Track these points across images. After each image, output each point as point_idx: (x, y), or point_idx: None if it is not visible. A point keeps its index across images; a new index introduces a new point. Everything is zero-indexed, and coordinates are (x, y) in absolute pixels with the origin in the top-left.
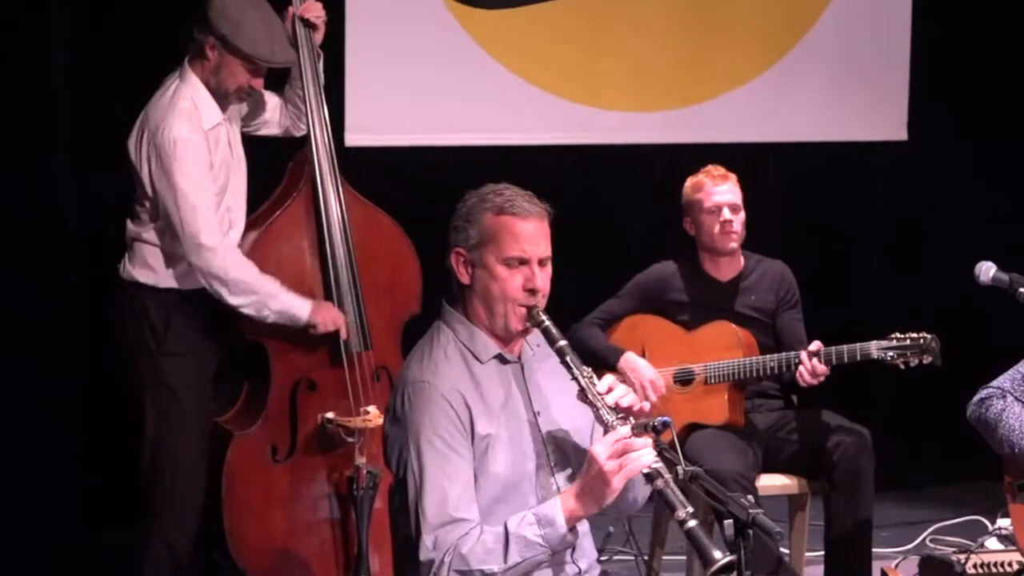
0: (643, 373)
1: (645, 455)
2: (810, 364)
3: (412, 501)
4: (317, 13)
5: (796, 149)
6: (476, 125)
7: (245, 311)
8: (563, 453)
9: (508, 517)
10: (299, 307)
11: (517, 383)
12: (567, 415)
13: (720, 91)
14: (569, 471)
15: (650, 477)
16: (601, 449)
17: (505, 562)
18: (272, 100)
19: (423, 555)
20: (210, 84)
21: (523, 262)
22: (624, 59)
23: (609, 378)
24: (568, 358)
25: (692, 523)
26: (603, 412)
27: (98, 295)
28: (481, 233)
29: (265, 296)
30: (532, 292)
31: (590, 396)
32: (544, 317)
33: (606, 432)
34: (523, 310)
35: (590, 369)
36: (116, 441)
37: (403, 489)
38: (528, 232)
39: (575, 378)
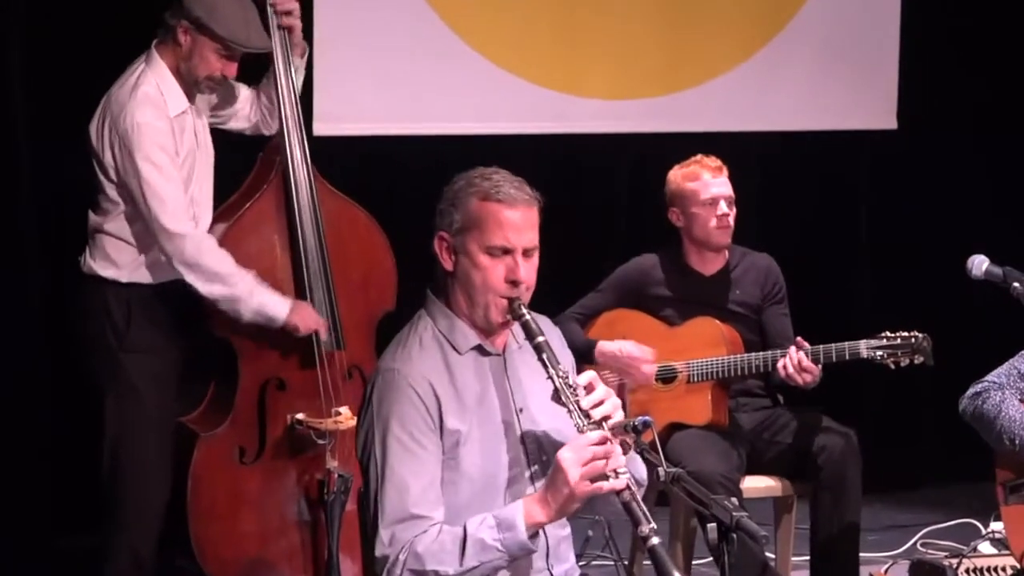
0: (621, 353)
1: (612, 462)
2: (796, 356)
3: (372, 493)
4: (289, 7)
5: (781, 138)
6: (449, 114)
7: (220, 306)
8: (544, 455)
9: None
10: (277, 307)
11: (497, 378)
12: (552, 414)
13: (703, 79)
14: (548, 471)
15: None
16: (568, 455)
17: (461, 564)
18: (243, 92)
19: (378, 550)
20: (180, 70)
21: (507, 251)
22: (603, 45)
23: (590, 374)
24: (544, 356)
25: (655, 540)
26: (575, 416)
27: (58, 289)
28: (465, 218)
29: (242, 291)
30: (515, 284)
31: (563, 397)
32: (525, 311)
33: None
34: (504, 302)
35: (567, 369)
36: (77, 442)
37: (366, 478)
38: (514, 220)
39: (550, 377)
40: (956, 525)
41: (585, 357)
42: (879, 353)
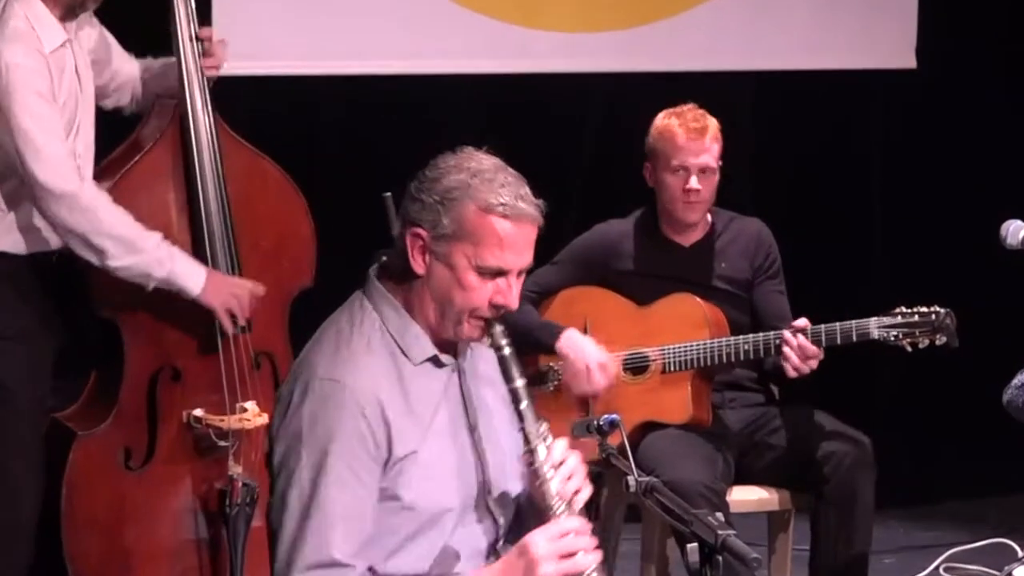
0: (589, 355)
1: (589, 559)
2: (796, 343)
3: (290, 526)
4: None
5: (778, 79)
6: (380, 50)
7: (122, 274)
8: (502, 480)
9: (424, 554)
10: (191, 276)
11: (451, 393)
12: (511, 432)
13: (684, 6)
14: (506, 503)
15: None
16: (541, 542)
17: None
18: (129, 68)
19: None
20: None
21: (500, 273)
22: None
23: (563, 443)
24: (523, 406)
25: None
26: (548, 489)
27: None
28: (458, 226)
29: (147, 260)
30: (499, 308)
31: (536, 464)
32: (504, 342)
33: (544, 515)
34: (481, 321)
35: (547, 425)
36: None
37: (282, 504)
38: (517, 241)
39: (523, 430)
40: (986, 546)
41: (544, 344)
42: (893, 333)
